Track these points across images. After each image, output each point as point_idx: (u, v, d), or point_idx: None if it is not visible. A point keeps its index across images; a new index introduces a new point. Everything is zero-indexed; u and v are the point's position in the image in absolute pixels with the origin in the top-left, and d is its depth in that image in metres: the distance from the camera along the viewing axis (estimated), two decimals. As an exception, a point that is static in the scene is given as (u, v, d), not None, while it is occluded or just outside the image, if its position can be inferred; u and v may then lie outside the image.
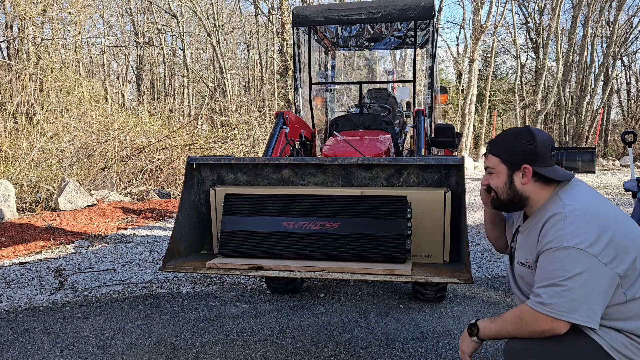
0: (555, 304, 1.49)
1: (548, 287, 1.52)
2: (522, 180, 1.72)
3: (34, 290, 4.08)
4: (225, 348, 2.90)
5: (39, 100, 10.92)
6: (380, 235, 2.26)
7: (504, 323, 1.65)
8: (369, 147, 3.87)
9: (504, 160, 1.75)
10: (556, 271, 1.51)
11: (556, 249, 1.53)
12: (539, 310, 1.52)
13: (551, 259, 1.54)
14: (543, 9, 25.50)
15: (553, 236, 1.56)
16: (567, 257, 1.50)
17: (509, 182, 1.75)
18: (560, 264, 1.51)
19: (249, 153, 12.30)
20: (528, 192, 1.73)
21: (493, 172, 1.79)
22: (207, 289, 4.10)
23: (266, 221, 2.40)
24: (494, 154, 1.79)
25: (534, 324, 1.54)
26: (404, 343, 2.94)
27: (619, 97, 32.08)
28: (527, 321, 1.56)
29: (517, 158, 1.72)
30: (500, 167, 1.77)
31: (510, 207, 1.81)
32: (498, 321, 1.69)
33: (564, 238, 1.53)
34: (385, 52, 19.86)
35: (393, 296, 3.80)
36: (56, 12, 13.16)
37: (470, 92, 20.70)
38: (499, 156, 1.77)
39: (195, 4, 20.14)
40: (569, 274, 1.48)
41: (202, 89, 24.63)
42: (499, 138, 1.82)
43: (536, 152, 1.71)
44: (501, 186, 1.77)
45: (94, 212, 7.20)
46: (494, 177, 1.80)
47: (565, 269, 1.49)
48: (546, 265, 1.56)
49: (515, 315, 1.61)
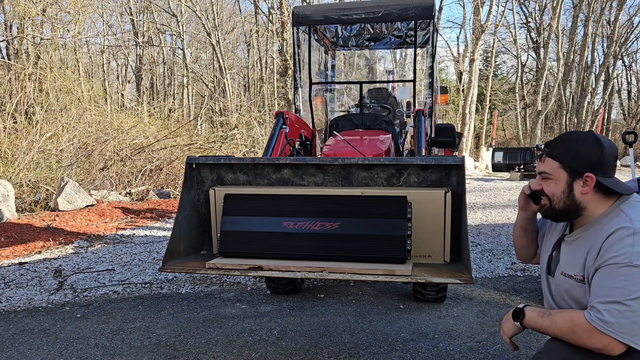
0: (617, 324, 1.40)
1: (610, 305, 1.42)
2: (583, 190, 1.60)
3: (33, 290, 4.07)
4: (225, 349, 2.89)
5: (38, 100, 10.91)
6: (381, 235, 2.25)
7: (553, 325, 1.55)
8: (369, 147, 3.86)
9: (566, 166, 1.61)
10: (621, 289, 1.42)
11: (623, 265, 1.44)
12: (598, 327, 1.43)
13: (616, 275, 1.44)
14: (544, 9, 25.50)
15: (620, 251, 1.45)
16: (635, 275, 1.42)
17: (567, 191, 1.62)
18: (627, 282, 1.42)
19: (248, 153, 12.29)
20: (586, 203, 1.62)
21: (550, 178, 1.65)
22: (207, 289, 4.09)
23: (266, 221, 2.39)
24: (554, 158, 1.63)
25: (588, 339, 1.45)
26: (404, 344, 2.93)
27: (620, 97, 32.09)
28: (579, 334, 1.47)
29: (581, 165, 1.59)
30: (559, 173, 1.63)
31: (564, 216, 1.68)
32: (546, 320, 1.58)
33: (633, 255, 1.43)
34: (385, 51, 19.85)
35: (393, 297, 3.79)
36: (55, 11, 13.16)
37: (471, 92, 20.70)
38: (561, 161, 1.62)
39: (194, 3, 20.13)
40: (635, 294, 1.40)
41: (201, 88, 24.63)
42: (561, 141, 1.66)
43: (602, 162, 1.58)
44: (558, 194, 1.63)
45: (93, 212, 7.19)
46: (550, 184, 1.65)
47: (632, 289, 1.41)
48: (609, 280, 1.46)
49: (567, 324, 1.51)
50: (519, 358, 2.75)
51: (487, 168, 17.65)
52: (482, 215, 7.84)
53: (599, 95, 26.77)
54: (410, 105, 5.36)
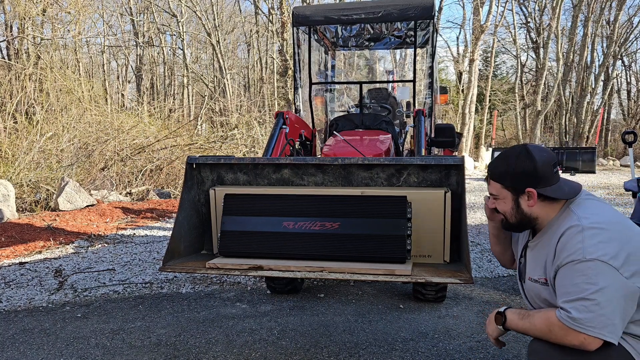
0: (585, 319, 1.45)
1: (576, 302, 1.48)
2: (529, 203, 1.69)
3: (33, 290, 4.08)
4: (225, 348, 2.90)
5: (39, 100, 10.92)
6: (381, 235, 2.26)
7: (532, 326, 1.62)
8: (369, 147, 3.87)
9: (507, 186, 1.72)
10: (582, 284, 1.48)
11: (578, 262, 1.50)
12: (570, 325, 1.48)
13: (574, 272, 1.51)
14: (543, 9, 25.51)
15: (573, 249, 1.53)
16: (591, 269, 1.47)
17: (515, 207, 1.72)
18: (586, 277, 1.47)
19: (248, 153, 12.29)
20: (536, 213, 1.70)
21: (499, 198, 1.76)
22: (207, 289, 4.09)
23: (266, 221, 2.39)
24: (496, 180, 1.75)
25: (564, 338, 1.50)
26: (404, 343, 2.93)
27: (619, 97, 32.10)
28: (556, 332, 1.52)
29: (519, 182, 1.68)
30: (504, 192, 1.73)
31: (521, 228, 1.78)
32: (526, 321, 1.65)
33: (585, 250, 1.50)
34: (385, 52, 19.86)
35: (393, 296, 3.80)
36: (56, 11, 13.16)
37: (471, 92, 20.70)
38: (501, 182, 1.73)
39: (195, 3, 20.14)
40: (595, 287, 1.46)
41: (202, 88, 24.63)
42: (497, 162, 1.76)
43: (537, 174, 1.66)
44: (508, 211, 1.74)
45: (93, 212, 7.19)
46: (500, 203, 1.77)
47: (591, 282, 1.46)
48: (568, 279, 1.52)
49: (545, 324, 1.57)
50: (519, 358, 2.75)
51: (486, 168, 17.66)
52: (482, 215, 7.84)
53: (598, 95, 26.78)
54: (410, 105, 5.36)
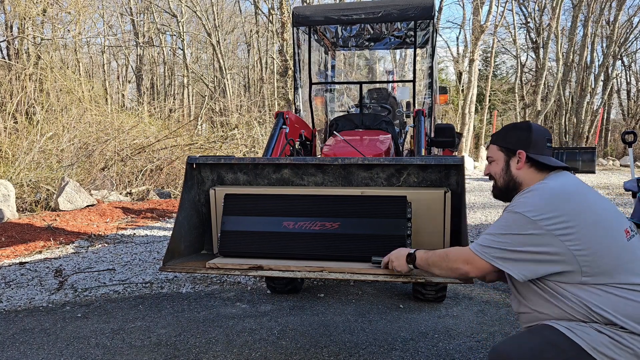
0: (486, 248, 1.65)
1: (486, 235, 1.69)
2: (517, 166, 1.83)
3: (33, 290, 4.08)
4: (225, 348, 2.90)
5: (39, 100, 10.92)
6: (381, 235, 2.26)
7: (432, 255, 1.84)
8: (369, 147, 3.87)
9: (501, 147, 1.88)
10: (497, 226, 1.68)
11: (508, 212, 1.68)
12: (472, 247, 1.69)
13: (502, 218, 1.70)
14: (543, 9, 25.52)
15: (514, 202, 1.72)
16: (511, 219, 1.65)
17: (505, 168, 1.86)
18: (505, 222, 1.66)
19: (249, 153, 12.30)
20: (521, 178, 1.83)
21: (493, 160, 1.91)
22: (207, 289, 4.09)
23: (266, 221, 2.40)
24: (494, 143, 1.92)
25: (454, 261, 1.73)
26: (404, 343, 2.94)
27: (619, 97, 32.11)
28: (450, 257, 1.76)
29: (513, 144, 1.84)
30: (498, 154, 1.89)
31: (506, 193, 1.90)
32: (429, 253, 1.87)
33: (517, 204, 1.67)
34: (385, 52, 19.87)
35: (393, 296, 3.80)
36: (56, 12, 13.16)
37: (470, 92, 20.70)
38: (498, 144, 1.90)
39: (195, 3, 20.14)
40: (502, 231, 1.65)
41: (202, 88, 24.63)
42: (500, 130, 1.95)
43: (530, 139, 1.81)
44: (499, 172, 1.88)
45: (93, 212, 7.20)
46: (493, 165, 1.92)
47: (502, 225, 1.66)
48: (497, 222, 1.72)
49: (443, 252, 1.82)
50: (518, 357, 2.75)
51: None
52: (482, 215, 7.84)
53: (598, 95, 26.77)
54: (410, 105, 5.37)
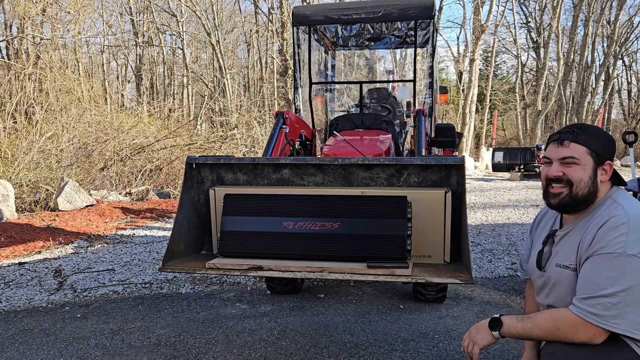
0: (610, 316, 1.42)
1: (602, 298, 1.43)
2: (603, 177, 1.61)
3: (33, 290, 4.07)
4: (225, 349, 2.89)
5: (38, 100, 10.91)
6: (381, 235, 2.25)
7: (535, 327, 1.55)
8: (369, 147, 3.86)
9: (593, 151, 1.59)
10: (613, 279, 1.43)
11: (617, 255, 1.43)
12: (590, 320, 1.44)
13: (608, 265, 1.45)
14: (544, 9, 25.51)
15: (614, 241, 1.45)
16: (628, 265, 1.42)
17: (593, 176, 1.60)
18: (619, 272, 1.42)
19: (248, 153, 12.29)
20: (601, 191, 1.62)
21: (577, 163, 1.60)
22: (207, 289, 4.08)
23: (266, 221, 2.39)
24: (582, 143, 1.60)
25: (574, 333, 1.47)
26: (404, 344, 2.93)
27: (620, 97, 32.10)
28: (564, 329, 1.48)
29: (605, 153, 1.61)
30: (586, 158, 1.59)
31: (581, 204, 1.62)
32: (527, 323, 1.57)
33: (627, 244, 1.43)
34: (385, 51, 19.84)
35: (393, 297, 3.79)
36: (55, 11, 13.15)
37: (471, 92, 20.70)
38: (588, 146, 1.59)
39: (194, 3, 20.12)
40: (627, 285, 1.41)
41: (201, 88, 24.61)
42: (581, 129, 1.64)
43: (615, 150, 1.64)
44: (585, 179, 1.59)
45: (93, 212, 7.18)
46: (576, 169, 1.60)
47: (624, 279, 1.42)
48: (600, 270, 1.46)
49: (551, 322, 1.51)
50: (519, 358, 2.74)
51: (487, 168, 17.66)
52: (482, 215, 7.83)
53: (599, 95, 26.78)
54: (410, 105, 5.35)
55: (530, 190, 11.22)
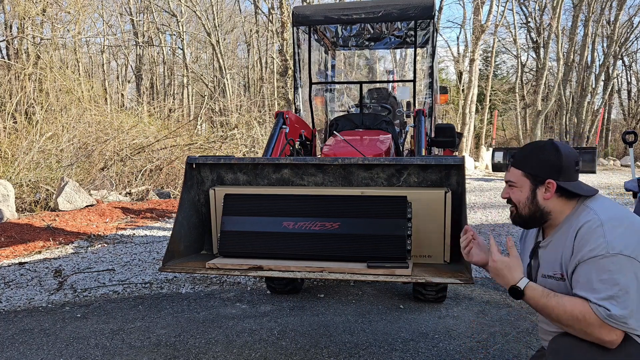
0: (621, 316, 1.46)
1: (609, 300, 1.47)
2: (545, 195, 1.69)
3: (33, 290, 4.07)
4: (225, 349, 2.89)
5: (38, 100, 10.91)
6: (381, 235, 2.25)
7: (559, 307, 1.53)
8: (369, 147, 3.86)
9: (527, 173, 1.71)
10: (609, 281, 1.47)
11: (602, 257, 1.49)
12: (610, 323, 1.46)
13: (599, 268, 1.50)
14: (544, 9, 25.50)
15: (595, 244, 1.51)
16: (615, 264, 1.47)
17: (531, 197, 1.71)
18: (611, 273, 1.47)
19: (248, 153, 12.29)
20: (550, 207, 1.70)
21: (515, 186, 1.74)
22: (207, 289, 4.09)
23: (266, 221, 2.39)
24: (517, 167, 1.74)
25: (596, 331, 1.48)
26: (404, 343, 2.93)
27: (620, 97, 32.10)
28: (590, 323, 1.48)
29: (541, 172, 1.68)
30: (522, 180, 1.72)
31: (530, 222, 1.76)
32: (553, 300, 1.55)
33: (608, 245, 1.49)
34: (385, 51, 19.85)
35: (393, 296, 3.79)
36: (55, 11, 13.15)
37: (471, 92, 20.69)
38: (522, 169, 1.72)
39: (194, 3, 20.12)
40: (622, 283, 1.46)
41: (201, 88, 24.61)
42: (522, 151, 1.77)
43: (561, 167, 1.67)
44: (523, 200, 1.72)
45: (93, 212, 7.19)
46: (515, 191, 1.75)
47: (618, 278, 1.47)
48: (595, 274, 1.50)
49: (578, 310, 1.50)
50: (519, 358, 2.75)
51: (487, 168, 17.66)
52: (482, 215, 7.84)
53: (599, 95, 26.78)
54: (410, 105, 5.35)
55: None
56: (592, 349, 1.51)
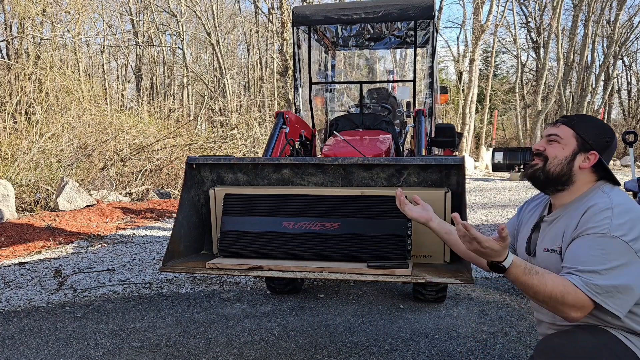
0: (605, 287, 1.46)
1: (593, 274, 1.47)
2: (583, 164, 1.67)
3: (33, 290, 4.07)
4: (225, 349, 2.89)
5: (38, 100, 10.91)
6: (381, 235, 2.25)
7: (541, 284, 1.49)
8: (369, 147, 3.86)
9: (579, 135, 1.67)
10: (600, 257, 1.48)
11: (601, 235, 1.50)
12: (588, 292, 1.46)
13: (594, 243, 1.51)
14: (544, 9, 25.51)
15: (599, 223, 1.52)
16: (611, 246, 1.48)
17: (570, 158, 1.67)
18: (604, 251, 1.48)
19: (248, 153, 12.29)
20: (578, 177, 1.68)
21: (559, 142, 1.69)
22: (207, 289, 4.09)
23: (266, 221, 2.38)
24: (570, 126, 1.70)
25: (572, 305, 1.47)
26: (404, 343, 2.93)
27: (620, 97, 32.11)
28: (568, 299, 1.46)
29: (592, 141, 1.67)
30: (570, 140, 1.68)
31: (551, 183, 1.71)
32: (534, 278, 1.49)
33: (611, 227, 1.50)
34: (385, 51, 19.85)
35: (393, 296, 3.79)
36: (55, 11, 13.16)
37: (471, 92, 20.69)
38: (576, 130, 1.68)
39: (194, 3, 20.12)
40: (610, 264, 1.47)
41: (201, 88, 24.61)
42: (578, 116, 1.75)
43: (609, 145, 1.68)
44: (560, 157, 1.68)
45: (93, 212, 7.19)
46: (556, 146, 1.70)
47: (610, 258, 1.47)
48: (588, 248, 1.51)
49: (559, 289, 1.47)
50: (519, 358, 2.75)
51: (487, 168, 17.66)
52: (482, 215, 7.84)
53: (599, 95, 26.78)
54: (410, 105, 5.35)
55: (530, 190, 11.22)
56: (580, 352, 1.51)
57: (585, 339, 1.53)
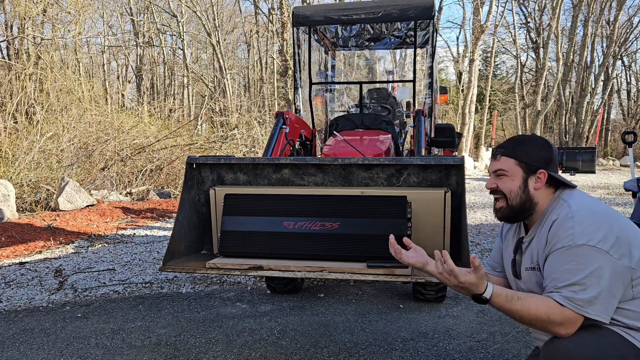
0: (577, 300, 1.48)
1: (572, 286, 1.49)
2: (536, 185, 1.70)
3: (33, 290, 4.08)
4: (225, 348, 2.90)
5: (39, 100, 10.92)
6: (381, 235, 2.26)
7: (524, 309, 1.52)
8: (369, 147, 3.87)
9: (522, 162, 1.71)
10: (572, 270, 1.50)
11: (568, 247, 1.52)
12: (575, 307, 1.48)
13: (564, 257, 1.53)
14: (543, 9, 25.53)
15: (563, 235, 1.55)
16: (580, 255, 1.50)
17: (523, 186, 1.70)
18: (575, 262, 1.50)
19: (249, 153, 12.30)
20: (538, 198, 1.71)
21: (506, 175, 1.73)
22: (207, 289, 4.09)
23: (266, 221, 2.39)
24: (510, 155, 1.73)
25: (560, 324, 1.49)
26: (404, 343, 2.94)
27: (619, 97, 32.13)
28: (553, 319, 1.49)
29: (535, 162, 1.70)
30: (515, 169, 1.71)
31: (519, 214, 1.75)
32: (517, 305, 1.53)
33: (575, 236, 1.52)
34: (385, 51, 19.85)
35: (393, 296, 3.80)
36: (56, 11, 13.17)
37: (471, 92, 20.71)
38: (516, 158, 1.71)
39: (195, 3, 20.14)
40: (585, 272, 1.48)
41: (202, 88, 24.62)
42: (514, 141, 1.78)
43: (551, 158, 1.71)
44: (515, 190, 1.71)
45: (93, 212, 7.20)
46: (506, 180, 1.73)
47: (582, 268, 1.49)
48: (560, 264, 1.54)
49: (543, 310, 1.50)
50: (519, 358, 2.75)
51: (486, 168, 17.68)
52: (482, 215, 7.84)
53: (598, 95, 26.80)
54: (410, 105, 5.36)
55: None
56: (587, 352, 1.51)
57: (590, 340, 1.53)
